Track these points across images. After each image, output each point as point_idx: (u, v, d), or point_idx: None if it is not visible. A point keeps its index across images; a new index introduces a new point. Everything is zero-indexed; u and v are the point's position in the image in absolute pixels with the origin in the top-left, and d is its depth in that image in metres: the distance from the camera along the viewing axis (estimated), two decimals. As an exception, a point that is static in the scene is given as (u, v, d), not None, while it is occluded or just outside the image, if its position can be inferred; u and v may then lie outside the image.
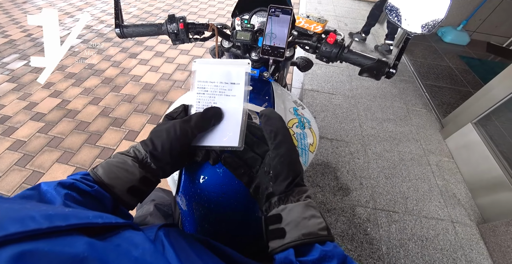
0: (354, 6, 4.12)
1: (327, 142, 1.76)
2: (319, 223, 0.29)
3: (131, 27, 0.63)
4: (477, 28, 3.39)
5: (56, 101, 1.93)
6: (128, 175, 0.32)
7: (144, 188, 0.34)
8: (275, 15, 0.58)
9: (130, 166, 0.32)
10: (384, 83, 2.42)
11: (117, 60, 2.41)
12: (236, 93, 0.38)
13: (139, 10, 3.46)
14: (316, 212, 0.31)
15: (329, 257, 0.27)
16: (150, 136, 0.35)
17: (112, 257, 0.16)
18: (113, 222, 0.22)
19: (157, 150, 0.33)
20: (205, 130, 0.36)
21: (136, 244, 0.20)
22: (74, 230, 0.17)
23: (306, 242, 0.27)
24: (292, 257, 0.27)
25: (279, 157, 0.32)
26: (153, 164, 0.34)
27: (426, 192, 1.52)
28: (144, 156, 0.34)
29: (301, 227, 0.28)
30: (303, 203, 0.30)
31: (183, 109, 0.38)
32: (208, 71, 0.38)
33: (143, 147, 0.34)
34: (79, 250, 0.15)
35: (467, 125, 1.68)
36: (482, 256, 1.26)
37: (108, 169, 0.32)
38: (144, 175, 0.33)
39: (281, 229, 0.29)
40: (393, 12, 0.52)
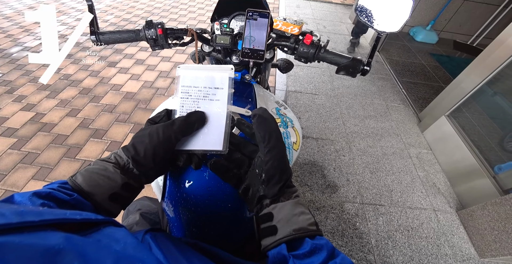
0: (332, 9, 4.28)
1: (313, 141, 1.79)
2: (308, 218, 0.31)
3: (108, 34, 0.62)
4: (443, 28, 3.64)
5: (29, 114, 1.83)
6: (109, 182, 0.31)
7: (126, 195, 0.33)
8: (253, 19, 0.60)
9: (111, 172, 0.32)
10: (363, 81, 2.52)
11: (96, 70, 2.33)
12: (220, 97, 0.38)
13: (117, 18, 3.39)
14: (305, 209, 0.32)
15: (319, 249, 0.28)
16: (132, 141, 0.34)
17: (90, 250, 0.15)
18: (92, 218, 0.21)
19: (139, 155, 0.33)
20: (188, 134, 0.36)
21: (118, 239, 0.19)
22: (50, 226, 0.17)
23: (297, 237, 0.29)
24: (284, 251, 0.28)
25: (272, 161, 0.32)
26: (135, 169, 0.33)
27: (409, 184, 1.59)
28: (126, 162, 0.33)
29: (292, 223, 0.30)
30: (292, 201, 0.32)
31: (165, 113, 0.38)
32: (192, 76, 0.38)
33: (125, 153, 0.33)
34: (54, 242, 0.14)
35: (441, 118, 1.79)
36: (463, 240, 1.33)
37: (88, 177, 0.31)
38: (126, 181, 0.32)
39: (272, 226, 0.31)
40: (363, 13, 0.55)
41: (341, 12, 4.21)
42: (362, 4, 0.57)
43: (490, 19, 3.32)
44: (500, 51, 1.43)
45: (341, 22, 3.82)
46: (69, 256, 0.14)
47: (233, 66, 0.39)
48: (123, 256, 0.16)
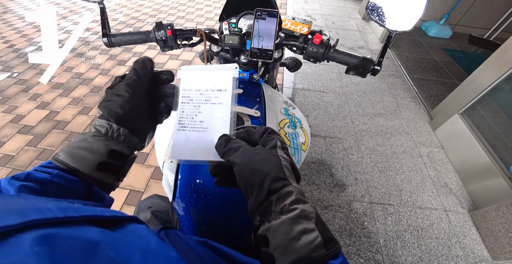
0: (340, 4, 4.18)
1: (321, 139, 1.78)
2: (312, 241, 0.24)
3: (119, 36, 0.63)
4: (458, 21, 3.49)
5: (44, 112, 1.89)
6: (92, 152, 0.30)
7: (117, 163, 0.32)
8: (261, 18, 0.59)
9: (91, 142, 0.30)
10: (373, 79, 2.47)
11: (106, 68, 2.38)
12: (223, 100, 0.35)
13: (126, 16, 3.43)
14: (308, 223, 0.25)
15: None
16: (103, 105, 0.32)
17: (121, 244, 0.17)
18: (119, 216, 0.23)
19: (117, 112, 0.31)
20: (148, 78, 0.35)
21: (141, 235, 0.21)
22: (85, 221, 0.19)
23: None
24: None
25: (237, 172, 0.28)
26: (122, 129, 0.32)
27: (419, 183, 1.56)
28: (107, 128, 0.31)
29: (290, 252, 0.24)
30: (288, 218, 0.25)
31: (120, 79, 0.35)
32: (194, 78, 0.36)
33: (103, 118, 0.32)
34: (93, 236, 0.16)
35: (454, 116, 1.74)
36: (475, 242, 1.30)
37: (69, 152, 0.30)
38: (111, 148, 0.31)
39: (270, 254, 0.25)
40: (374, 12, 0.54)
41: (350, 7, 4.11)
42: (374, 2, 0.55)
43: (509, 12, 3.16)
44: (519, 46, 1.37)
45: (350, 18, 3.73)
46: (106, 248, 0.16)
47: (237, 65, 0.36)
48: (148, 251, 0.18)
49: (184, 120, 0.35)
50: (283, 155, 0.30)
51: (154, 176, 1.50)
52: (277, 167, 0.28)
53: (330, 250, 0.24)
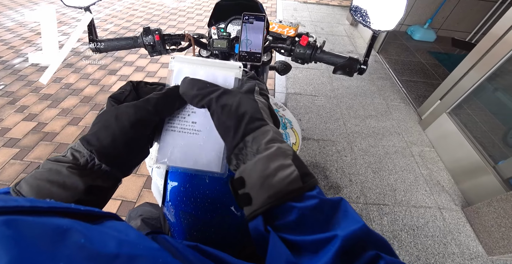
0: (329, 11, 4.31)
1: (314, 142, 1.79)
2: (288, 175, 0.23)
3: (106, 42, 0.63)
4: (441, 25, 3.65)
5: (31, 124, 1.85)
6: (65, 190, 0.24)
7: (95, 199, 0.26)
8: (249, 22, 0.60)
9: (66, 176, 0.24)
10: (363, 81, 2.52)
11: (96, 78, 2.36)
12: None
13: (116, 26, 3.43)
14: (284, 159, 0.24)
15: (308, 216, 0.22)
16: (95, 128, 0.26)
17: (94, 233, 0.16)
18: (95, 210, 0.20)
19: (105, 147, 0.26)
20: (168, 115, 0.30)
21: (120, 230, 0.19)
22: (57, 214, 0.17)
23: (274, 205, 0.23)
24: (261, 226, 0.23)
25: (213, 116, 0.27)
26: (104, 165, 0.26)
27: (412, 182, 1.57)
28: (88, 159, 0.26)
29: (266, 188, 0.23)
30: (264, 156, 0.24)
31: (131, 88, 0.30)
32: (189, 72, 0.31)
33: (86, 146, 0.26)
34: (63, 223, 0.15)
35: (442, 115, 1.78)
36: (470, 238, 1.31)
37: (36, 186, 0.24)
38: (91, 184, 0.25)
39: (247, 194, 0.24)
40: (357, 13, 0.56)
41: (338, 13, 4.24)
42: (356, 4, 0.57)
43: (488, 15, 3.32)
44: (499, 46, 1.43)
45: (339, 24, 3.84)
46: (77, 234, 0.14)
47: (242, 64, 0.32)
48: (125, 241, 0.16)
49: (174, 119, 0.30)
50: (261, 99, 0.28)
51: (147, 185, 1.47)
52: (253, 108, 0.26)
53: (307, 183, 0.24)
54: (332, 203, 0.23)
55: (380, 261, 0.19)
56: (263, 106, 0.28)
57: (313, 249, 0.20)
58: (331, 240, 0.20)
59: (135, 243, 0.16)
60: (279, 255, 0.20)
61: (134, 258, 0.15)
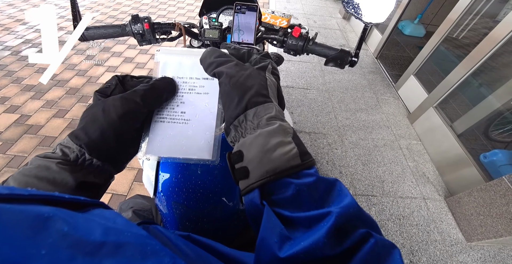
0: (322, 4, 4.28)
1: (306, 135, 1.81)
2: (288, 151, 0.24)
3: (92, 29, 0.60)
4: (430, 21, 3.70)
5: (14, 116, 1.77)
6: (55, 186, 0.24)
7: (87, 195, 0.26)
8: (241, 12, 0.59)
9: (56, 172, 0.24)
10: (354, 75, 2.55)
11: (83, 69, 2.27)
12: (209, 90, 0.31)
13: (103, 15, 3.29)
14: (285, 136, 0.25)
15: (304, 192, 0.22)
16: (82, 123, 0.26)
17: (79, 220, 0.15)
18: (81, 199, 0.19)
19: (95, 141, 0.25)
20: (156, 107, 0.29)
21: (107, 217, 0.18)
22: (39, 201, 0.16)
23: (272, 179, 0.23)
24: (257, 199, 0.23)
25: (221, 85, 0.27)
26: (95, 160, 0.26)
27: (400, 174, 1.63)
28: (78, 154, 0.25)
29: (265, 162, 0.23)
30: (265, 131, 0.24)
31: (117, 82, 0.29)
32: (175, 63, 0.31)
33: (74, 141, 0.25)
34: (44, 210, 0.14)
35: (429, 109, 1.84)
36: (451, 226, 1.39)
37: (24, 183, 0.23)
38: (82, 180, 0.25)
39: (244, 168, 0.24)
40: (349, 4, 0.56)
41: (331, 6, 4.21)
42: (348, -4, 0.57)
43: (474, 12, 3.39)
44: (484, 43, 1.47)
45: (331, 17, 3.83)
46: (59, 222, 0.14)
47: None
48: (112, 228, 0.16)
49: (163, 111, 0.30)
50: (271, 78, 0.28)
51: (138, 179, 1.45)
52: (261, 84, 0.26)
53: (306, 161, 0.24)
54: (328, 182, 0.24)
55: (371, 238, 0.19)
56: (271, 84, 0.28)
57: (306, 225, 0.21)
58: (325, 217, 0.20)
59: (122, 230, 0.16)
60: (272, 228, 0.20)
61: (121, 246, 0.14)
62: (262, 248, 0.20)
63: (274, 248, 0.19)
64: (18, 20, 2.94)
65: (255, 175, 0.23)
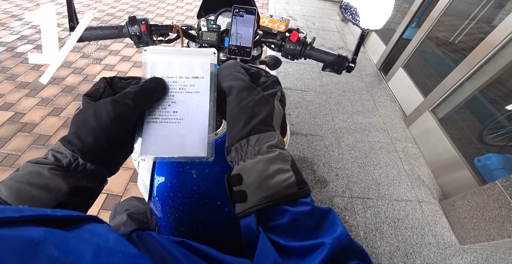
0: (320, 6, 4.29)
1: (303, 137, 1.82)
2: (286, 179, 0.24)
3: (89, 30, 0.60)
4: (427, 25, 3.73)
5: (7, 114, 1.74)
6: (48, 192, 0.23)
7: (80, 200, 0.26)
8: (239, 15, 0.59)
9: (48, 178, 0.23)
10: (352, 78, 2.56)
11: (79, 67, 2.25)
12: (200, 88, 0.31)
13: (101, 12, 3.26)
14: (284, 164, 0.25)
15: (300, 221, 0.22)
16: (74, 128, 0.26)
17: (71, 242, 0.15)
18: (74, 215, 0.19)
19: (87, 145, 0.25)
20: (147, 108, 0.29)
21: (99, 233, 0.18)
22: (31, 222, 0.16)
23: (269, 206, 0.23)
24: (253, 225, 0.23)
25: (229, 104, 0.27)
26: (89, 164, 0.25)
27: (395, 177, 1.64)
28: (71, 159, 0.25)
29: (263, 188, 0.24)
30: (265, 158, 0.25)
31: (105, 84, 0.29)
32: (164, 62, 0.31)
33: (67, 147, 0.25)
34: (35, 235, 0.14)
35: (425, 113, 1.85)
36: (445, 229, 1.40)
37: (15, 189, 0.23)
38: (75, 185, 0.25)
39: (242, 191, 0.25)
40: (347, 11, 0.56)
41: (330, 9, 4.23)
42: (347, 2, 0.57)
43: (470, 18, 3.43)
44: (480, 47, 1.49)
45: (330, 19, 3.84)
46: (50, 248, 0.14)
47: (216, 50, 0.32)
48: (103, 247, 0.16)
49: (155, 111, 0.30)
50: (279, 106, 0.30)
51: (133, 179, 1.44)
52: (268, 112, 0.27)
53: (302, 190, 0.25)
54: (322, 211, 0.24)
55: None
56: (277, 112, 0.29)
57: (300, 255, 0.21)
58: (318, 247, 0.20)
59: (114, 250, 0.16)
60: (267, 256, 0.21)
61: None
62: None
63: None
64: (13, 15, 2.90)
65: (253, 199, 0.24)
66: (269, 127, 0.27)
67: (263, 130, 0.26)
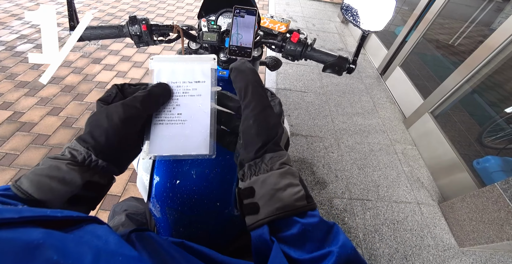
0: (321, 7, 4.31)
1: (302, 138, 1.81)
2: (296, 192, 0.26)
3: (89, 29, 0.59)
4: (427, 27, 3.75)
5: (6, 113, 1.74)
6: (65, 184, 0.26)
7: (91, 195, 0.28)
8: (240, 16, 0.59)
9: (65, 172, 0.26)
10: (351, 79, 2.56)
11: (79, 66, 2.25)
12: (202, 92, 0.33)
13: (101, 12, 3.26)
14: (294, 179, 0.28)
15: (309, 231, 0.24)
16: (88, 128, 0.28)
17: (71, 245, 0.15)
18: (74, 216, 0.20)
19: (100, 144, 0.27)
20: (154, 111, 0.32)
21: (100, 235, 0.18)
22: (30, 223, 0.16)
23: (281, 217, 0.25)
24: (266, 235, 0.24)
25: (247, 120, 0.29)
26: (101, 161, 0.28)
27: (395, 179, 1.64)
28: (85, 156, 0.28)
29: (275, 200, 0.26)
30: (277, 172, 0.27)
31: (117, 90, 0.32)
32: (169, 69, 0.34)
33: (82, 144, 0.27)
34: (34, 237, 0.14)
35: (425, 115, 1.86)
36: (444, 231, 1.40)
37: (36, 181, 0.25)
38: (88, 179, 0.27)
39: (254, 203, 0.26)
40: (348, 12, 0.56)
41: (330, 10, 4.24)
42: (348, 3, 0.57)
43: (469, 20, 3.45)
44: (480, 50, 1.50)
45: (330, 21, 3.86)
46: (49, 251, 0.13)
47: (216, 56, 0.35)
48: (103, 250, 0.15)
49: (161, 114, 0.33)
50: (284, 127, 0.32)
51: (132, 179, 1.44)
52: (280, 134, 0.30)
53: (311, 203, 0.26)
54: (328, 224, 0.26)
55: None
56: (285, 134, 0.32)
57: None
58: (326, 257, 0.22)
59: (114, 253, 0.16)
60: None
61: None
62: None
63: None
64: (13, 14, 2.90)
65: (265, 211, 0.25)
66: (280, 147, 0.29)
67: (276, 150, 0.29)
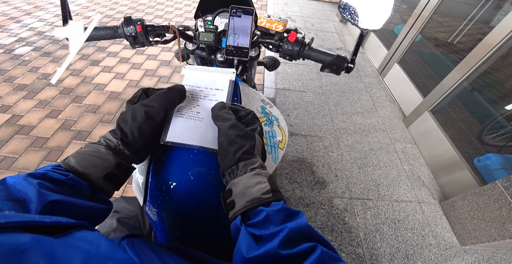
0: (319, 7, 4.30)
1: (302, 138, 1.81)
2: (263, 188, 0.32)
3: (84, 31, 0.59)
4: (426, 26, 3.74)
5: (5, 116, 1.73)
6: (103, 162, 0.33)
7: (120, 175, 0.35)
8: (237, 16, 0.59)
9: (103, 153, 0.33)
10: (351, 78, 2.56)
11: (77, 69, 2.24)
12: (219, 98, 0.41)
13: (99, 15, 3.25)
14: (262, 178, 0.33)
15: (271, 216, 0.29)
16: (118, 123, 0.36)
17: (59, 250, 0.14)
18: (63, 222, 0.20)
19: (127, 136, 0.35)
20: (171, 109, 0.39)
21: (90, 241, 0.18)
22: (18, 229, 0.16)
23: (250, 207, 0.31)
24: (238, 222, 0.30)
25: (219, 138, 0.36)
26: (126, 150, 0.35)
27: (395, 178, 1.64)
28: (116, 144, 0.35)
29: (246, 195, 0.31)
30: (248, 175, 0.33)
31: (142, 92, 0.39)
32: (196, 77, 0.42)
33: (113, 136, 0.35)
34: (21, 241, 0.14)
35: (425, 113, 1.85)
36: (446, 229, 1.39)
37: (81, 158, 0.32)
38: (119, 161, 0.34)
39: (232, 201, 0.33)
40: (346, 10, 0.56)
41: (328, 10, 4.24)
42: (345, 2, 0.57)
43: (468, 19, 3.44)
44: (479, 48, 1.49)
45: (329, 20, 3.85)
46: (36, 255, 0.13)
47: (235, 70, 0.43)
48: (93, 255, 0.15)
49: (183, 109, 0.40)
50: (259, 139, 0.39)
51: (130, 180, 1.43)
52: (251, 144, 0.36)
53: (276, 196, 0.32)
54: (292, 210, 0.31)
55: (317, 249, 0.25)
56: (258, 144, 0.37)
57: (270, 239, 0.27)
58: (282, 230, 0.27)
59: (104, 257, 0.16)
60: (245, 240, 0.27)
61: None
62: (236, 254, 0.28)
63: (244, 253, 0.26)
64: (11, 18, 2.89)
65: (239, 205, 0.31)
66: (251, 155, 0.35)
67: (248, 158, 0.35)
